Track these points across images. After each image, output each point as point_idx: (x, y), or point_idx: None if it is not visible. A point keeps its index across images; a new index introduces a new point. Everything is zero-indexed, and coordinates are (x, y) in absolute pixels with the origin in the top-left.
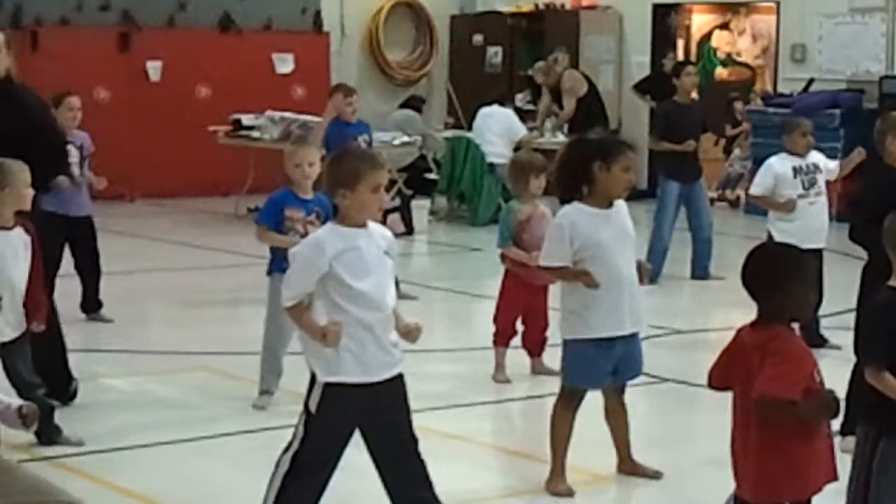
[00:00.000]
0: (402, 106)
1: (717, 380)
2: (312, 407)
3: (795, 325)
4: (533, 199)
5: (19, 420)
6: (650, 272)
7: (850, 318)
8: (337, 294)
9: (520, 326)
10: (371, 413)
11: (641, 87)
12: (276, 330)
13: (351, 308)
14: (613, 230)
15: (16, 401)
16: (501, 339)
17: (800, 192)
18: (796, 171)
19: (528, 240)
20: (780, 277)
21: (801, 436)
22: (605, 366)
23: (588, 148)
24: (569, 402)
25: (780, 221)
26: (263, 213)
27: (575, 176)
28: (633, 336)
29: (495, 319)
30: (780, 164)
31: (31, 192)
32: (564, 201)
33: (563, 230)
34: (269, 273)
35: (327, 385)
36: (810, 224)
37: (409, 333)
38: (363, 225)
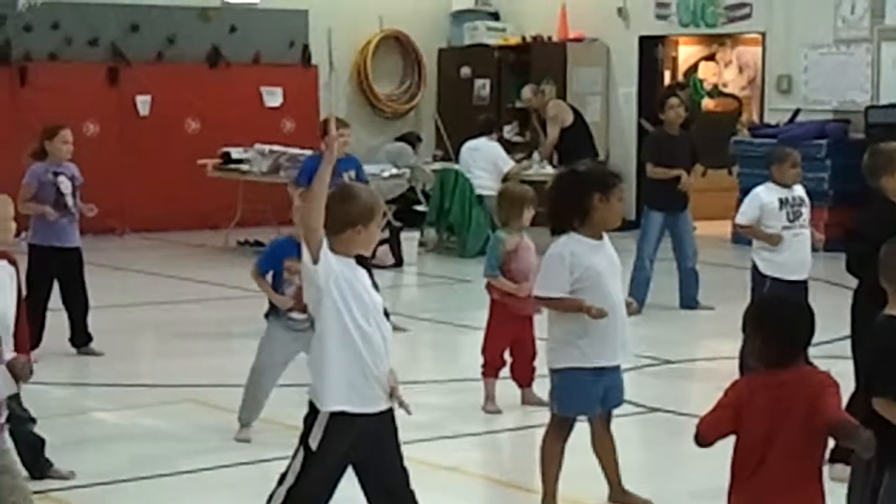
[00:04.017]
0: (398, 140)
1: (714, 434)
2: (313, 444)
3: None
4: (521, 230)
5: (11, 377)
6: (636, 309)
7: (836, 347)
8: (341, 323)
9: (507, 357)
10: (366, 445)
11: (651, 118)
12: (265, 368)
13: (359, 342)
14: (606, 260)
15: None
16: (490, 370)
17: (785, 224)
18: (782, 202)
19: (516, 270)
20: (806, 334)
21: (821, 472)
22: (596, 393)
23: (587, 179)
24: (559, 431)
25: (765, 252)
26: (263, 259)
27: (573, 207)
28: (619, 366)
29: (484, 351)
30: (766, 195)
31: (13, 226)
32: (557, 232)
33: (563, 260)
34: (267, 316)
35: (330, 417)
36: (795, 256)
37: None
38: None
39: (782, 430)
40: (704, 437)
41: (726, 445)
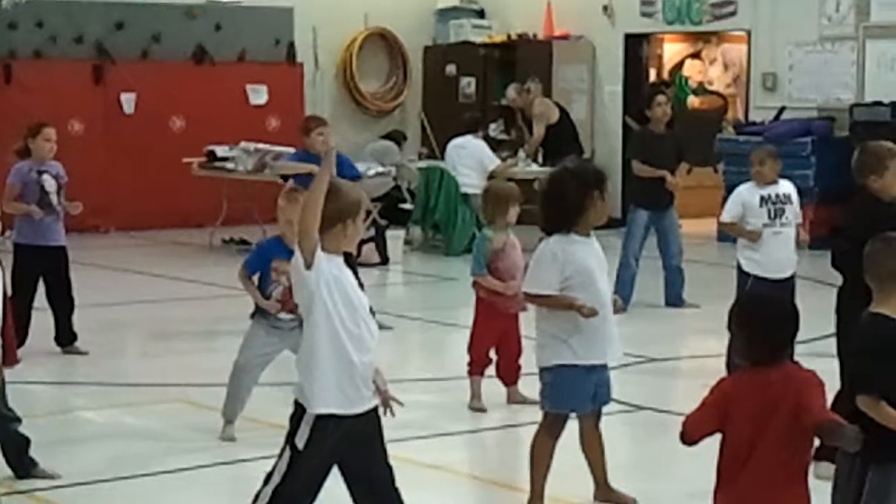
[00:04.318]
0: (384, 138)
1: (699, 432)
2: (300, 443)
3: None
4: (506, 228)
5: None
6: (622, 307)
7: (821, 345)
8: (331, 326)
9: (493, 355)
10: (351, 444)
11: (636, 116)
12: (246, 364)
13: (348, 345)
14: (596, 258)
15: None
16: (476, 368)
17: (765, 222)
18: (763, 199)
19: (503, 268)
20: (788, 323)
21: (806, 471)
22: (588, 390)
23: (585, 178)
24: (551, 429)
25: (747, 250)
26: (250, 260)
27: (573, 206)
28: (606, 363)
29: (470, 349)
30: (748, 192)
31: None
32: (551, 231)
33: (556, 258)
34: (252, 316)
35: (317, 417)
36: (774, 254)
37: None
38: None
39: (767, 430)
40: (689, 436)
41: (712, 443)
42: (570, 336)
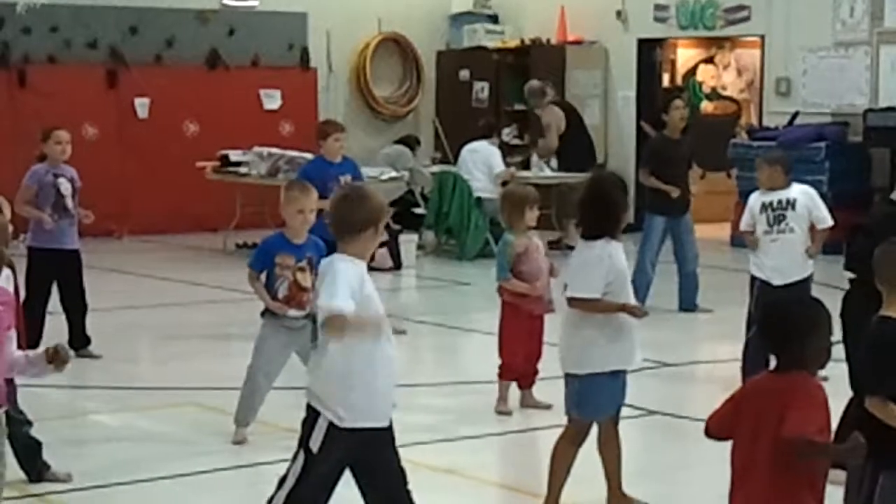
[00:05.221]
0: (397, 142)
1: (719, 429)
2: (314, 447)
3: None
4: (527, 231)
5: (50, 364)
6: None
7: (838, 350)
8: (361, 343)
9: None
10: (364, 447)
11: (651, 122)
12: (260, 370)
13: (377, 360)
14: (625, 262)
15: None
16: (508, 372)
17: (765, 228)
18: (764, 206)
19: (527, 271)
20: (798, 330)
21: (819, 480)
22: (617, 396)
23: (621, 183)
24: (576, 436)
25: (753, 256)
26: (255, 259)
27: (621, 211)
28: None
29: (501, 353)
30: (754, 199)
31: (10, 227)
32: (595, 236)
33: (603, 262)
34: (263, 314)
35: (335, 428)
36: (772, 261)
37: None
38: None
39: (764, 436)
40: (711, 431)
41: (725, 449)
42: (610, 342)
